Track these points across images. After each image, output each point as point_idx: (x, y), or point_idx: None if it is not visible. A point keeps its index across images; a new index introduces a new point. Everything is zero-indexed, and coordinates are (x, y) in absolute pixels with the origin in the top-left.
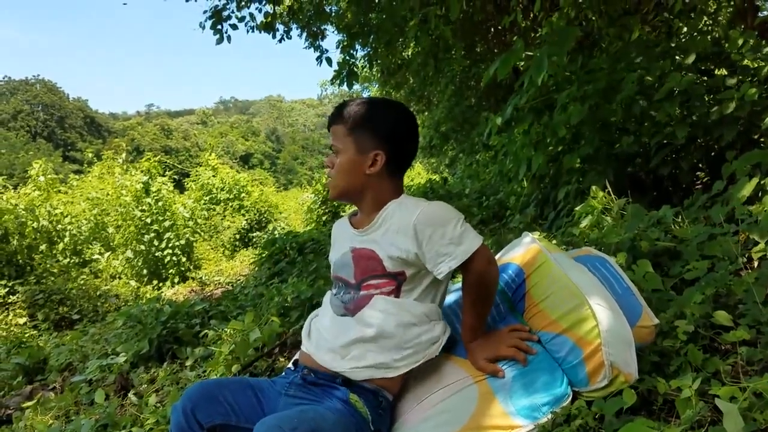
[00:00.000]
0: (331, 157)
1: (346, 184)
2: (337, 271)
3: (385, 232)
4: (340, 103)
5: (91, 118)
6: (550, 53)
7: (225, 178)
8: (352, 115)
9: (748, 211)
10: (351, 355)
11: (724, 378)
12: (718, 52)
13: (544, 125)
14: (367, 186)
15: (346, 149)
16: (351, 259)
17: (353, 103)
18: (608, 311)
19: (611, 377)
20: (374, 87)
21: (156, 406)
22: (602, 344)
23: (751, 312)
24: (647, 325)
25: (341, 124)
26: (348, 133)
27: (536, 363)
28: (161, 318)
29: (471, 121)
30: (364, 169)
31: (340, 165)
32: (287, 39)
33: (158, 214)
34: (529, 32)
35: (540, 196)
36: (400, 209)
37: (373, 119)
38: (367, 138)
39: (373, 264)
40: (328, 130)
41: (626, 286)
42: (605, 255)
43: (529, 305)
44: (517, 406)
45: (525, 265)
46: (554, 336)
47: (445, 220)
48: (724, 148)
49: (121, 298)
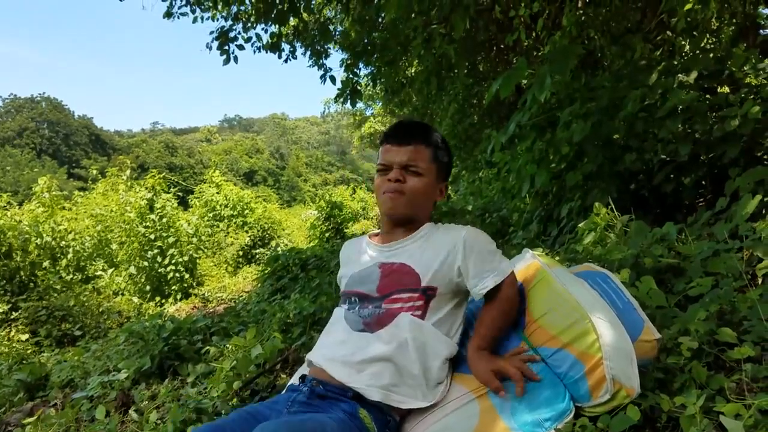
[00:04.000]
0: (399, 172)
1: (418, 207)
2: (353, 286)
3: (422, 246)
4: (415, 121)
5: (96, 135)
6: (553, 71)
7: (229, 195)
8: (439, 143)
9: (752, 227)
10: (369, 372)
11: (729, 395)
12: (721, 69)
13: (547, 142)
14: (427, 214)
15: (428, 173)
16: (378, 273)
17: (432, 130)
18: (609, 325)
19: (613, 391)
20: (377, 105)
21: (156, 423)
22: (603, 358)
23: (756, 329)
24: (649, 339)
25: (427, 146)
26: (434, 158)
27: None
28: (163, 334)
29: (474, 138)
30: (435, 197)
31: (422, 187)
32: (293, 59)
33: (162, 230)
34: (531, 51)
35: (543, 212)
36: (438, 230)
37: (449, 154)
38: (444, 170)
39: (405, 278)
40: (401, 144)
41: (627, 301)
42: (606, 270)
43: (529, 321)
44: (519, 422)
45: (525, 280)
46: (555, 351)
47: (489, 242)
48: (728, 165)
49: (123, 315)
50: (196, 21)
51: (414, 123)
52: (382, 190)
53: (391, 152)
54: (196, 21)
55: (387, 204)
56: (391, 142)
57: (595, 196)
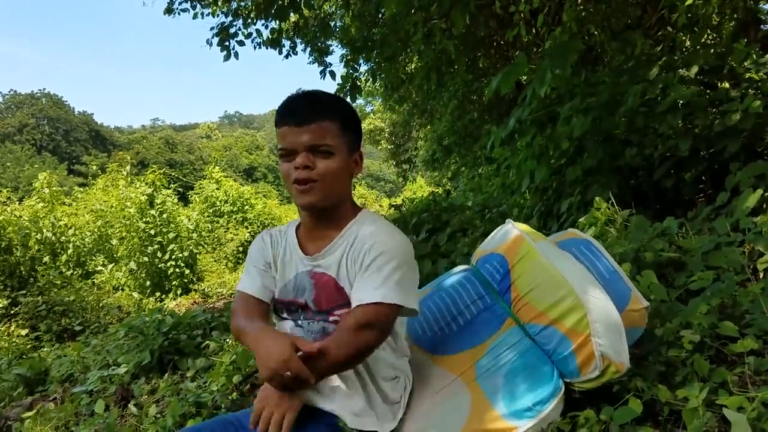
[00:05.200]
0: (306, 156)
1: (336, 192)
2: (290, 294)
3: (345, 254)
4: (314, 93)
5: (96, 131)
6: (553, 66)
7: (229, 191)
8: (343, 111)
9: (753, 222)
10: (338, 395)
11: (732, 388)
12: (722, 65)
13: (547, 138)
14: (348, 194)
15: (340, 150)
16: (311, 283)
17: (335, 98)
18: (597, 300)
19: (602, 368)
20: (377, 101)
21: (156, 417)
22: (592, 335)
23: (758, 322)
24: (637, 308)
25: (332, 120)
26: (343, 132)
27: (526, 358)
28: (163, 329)
29: (474, 134)
30: (351, 173)
31: (335, 168)
32: (293, 55)
33: (162, 226)
34: (531, 47)
35: (543, 208)
36: (363, 227)
37: (355, 115)
38: (355, 138)
39: (336, 293)
40: (302, 123)
41: (613, 270)
42: (589, 237)
43: (516, 297)
44: (510, 408)
45: (509, 255)
46: (543, 328)
47: (392, 257)
48: (728, 160)
49: (123, 310)
50: (196, 17)
51: (313, 95)
52: (291, 179)
53: (291, 134)
54: (196, 17)
55: (300, 197)
56: (289, 123)
57: (595, 191)
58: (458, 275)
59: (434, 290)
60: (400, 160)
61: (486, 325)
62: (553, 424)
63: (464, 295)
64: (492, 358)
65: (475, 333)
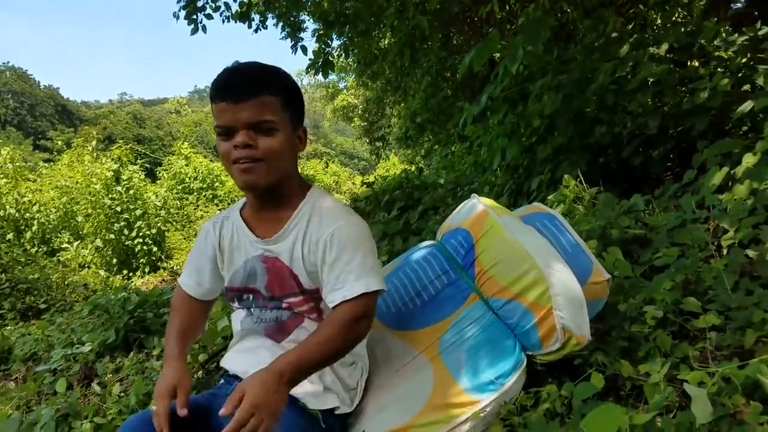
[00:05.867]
0: (247, 134)
1: (281, 171)
2: (236, 281)
3: (294, 242)
4: (253, 66)
5: (62, 106)
6: (526, 43)
7: (198, 168)
8: (285, 84)
9: (718, 199)
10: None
11: (693, 363)
12: (692, 43)
13: (519, 115)
14: (293, 173)
15: (283, 126)
16: (263, 268)
17: (276, 71)
18: (559, 274)
19: (564, 340)
20: (350, 77)
21: (119, 396)
22: (553, 308)
23: (721, 298)
24: (599, 280)
25: (273, 94)
26: (285, 106)
27: (489, 332)
28: (128, 307)
29: (447, 112)
30: (296, 150)
31: (278, 146)
32: (263, 29)
33: (129, 202)
34: (505, 24)
35: (514, 185)
36: (317, 211)
37: (297, 89)
38: (298, 113)
39: (289, 280)
40: (240, 100)
41: (575, 243)
42: (553, 211)
43: (479, 271)
44: (473, 382)
45: (473, 229)
46: (506, 302)
47: (358, 245)
48: (695, 138)
49: (89, 288)
50: None
51: (251, 67)
52: (231, 158)
53: (229, 111)
54: None
55: (242, 177)
56: (226, 99)
57: (564, 168)
58: (423, 250)
59: (399, 266)
60: (374, 138)
61: (450, 300)
62: (516, 398)
63: (428, 270)
64: (455, 333)
65: (439, 308)
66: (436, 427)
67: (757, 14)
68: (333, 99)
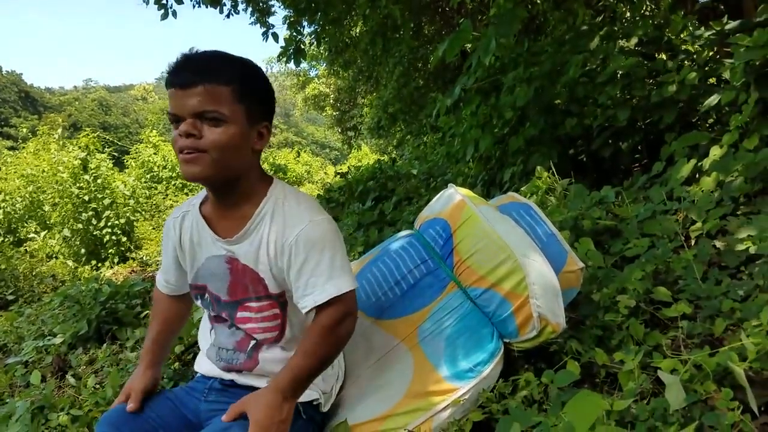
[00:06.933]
0: (191, 123)
1: (228, 166)
2: (197, 279)
3: (260, 245)
4: (205, 53)
5: (25, 92)
6: (498, 34)
7: (167, 156)
8: (241, 75)
9: (687, 191)
10: (267, 379)
11: (666, 351)
12: (660, 36)
13: (491, 107)
14: (250, 168)
15: (234, 119)
16: (226, 269)
17: (231, 59)
18: (535, 263)
19: (540, 328)
20: (322, 66)
21: (95, 388)
22: (530, 296)
23: (691, 287)
24: (573, 269)
25: (225, 84)
26: (239, 98)
27: (467, 321)
28: (100, 298)
29: (419, 102)
30: (252, 145)
31: (225, 139)
32: (234, 14)
33: (97, 191)
34: (476, 14)
35: (486, 177)
36: (282, 210)
37: (261, 83)
38: (260, 106)
39: (253, 284)
40: (186, 86)
41: (550, 232)
42: (529, 201)
43: (458, 261)
44: (452, 370)
45: (451, 219)
46: (483, 291)
47: (326, 246)
48: (664, 130)
49: (58, 279)
50: None
51: (204, 55)
52: (176, 147)
53: (176, 97)
54: None
55: (183, 167)
56: (174, 85)
57: (536, 160)
58: (402, 240)
59: (378, 255)
60: (346, 127)
61: (429, 289)
62: (495, 386)
63: (407, 259)
64: (434, 322)
65: (418, 297)
66: (417, 415)
67: (723, 8)
68: (304, 88)
